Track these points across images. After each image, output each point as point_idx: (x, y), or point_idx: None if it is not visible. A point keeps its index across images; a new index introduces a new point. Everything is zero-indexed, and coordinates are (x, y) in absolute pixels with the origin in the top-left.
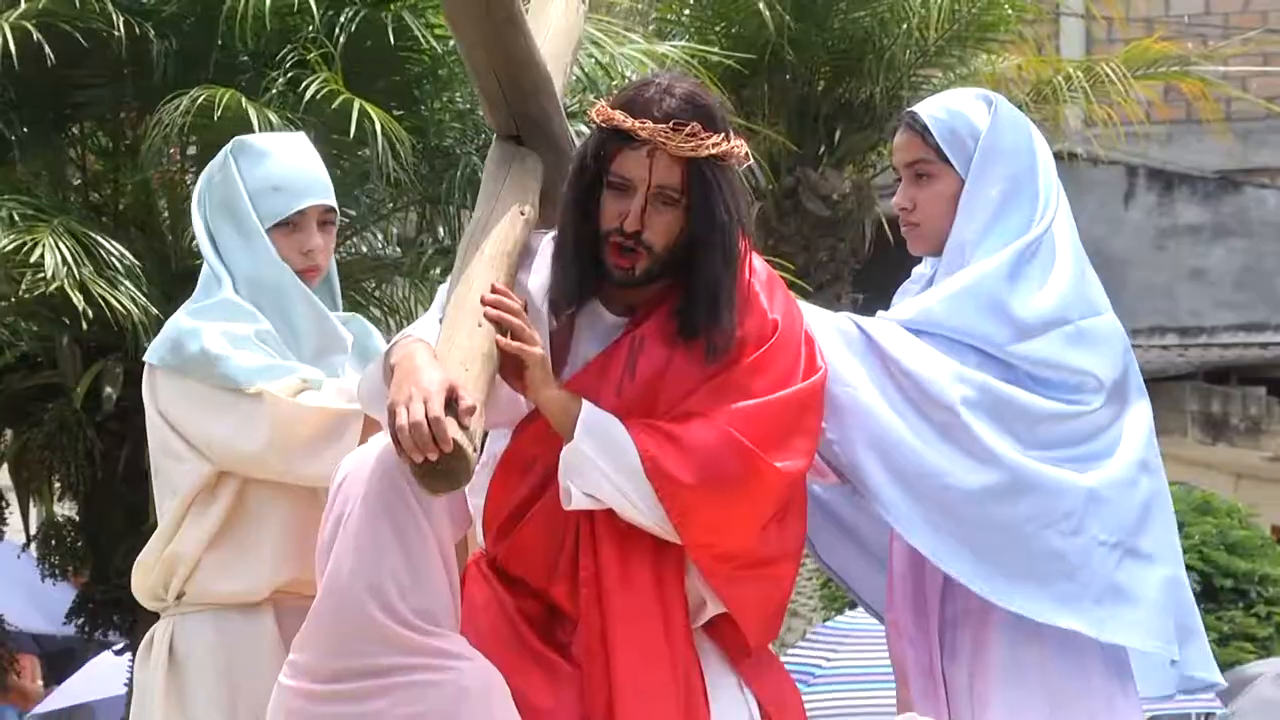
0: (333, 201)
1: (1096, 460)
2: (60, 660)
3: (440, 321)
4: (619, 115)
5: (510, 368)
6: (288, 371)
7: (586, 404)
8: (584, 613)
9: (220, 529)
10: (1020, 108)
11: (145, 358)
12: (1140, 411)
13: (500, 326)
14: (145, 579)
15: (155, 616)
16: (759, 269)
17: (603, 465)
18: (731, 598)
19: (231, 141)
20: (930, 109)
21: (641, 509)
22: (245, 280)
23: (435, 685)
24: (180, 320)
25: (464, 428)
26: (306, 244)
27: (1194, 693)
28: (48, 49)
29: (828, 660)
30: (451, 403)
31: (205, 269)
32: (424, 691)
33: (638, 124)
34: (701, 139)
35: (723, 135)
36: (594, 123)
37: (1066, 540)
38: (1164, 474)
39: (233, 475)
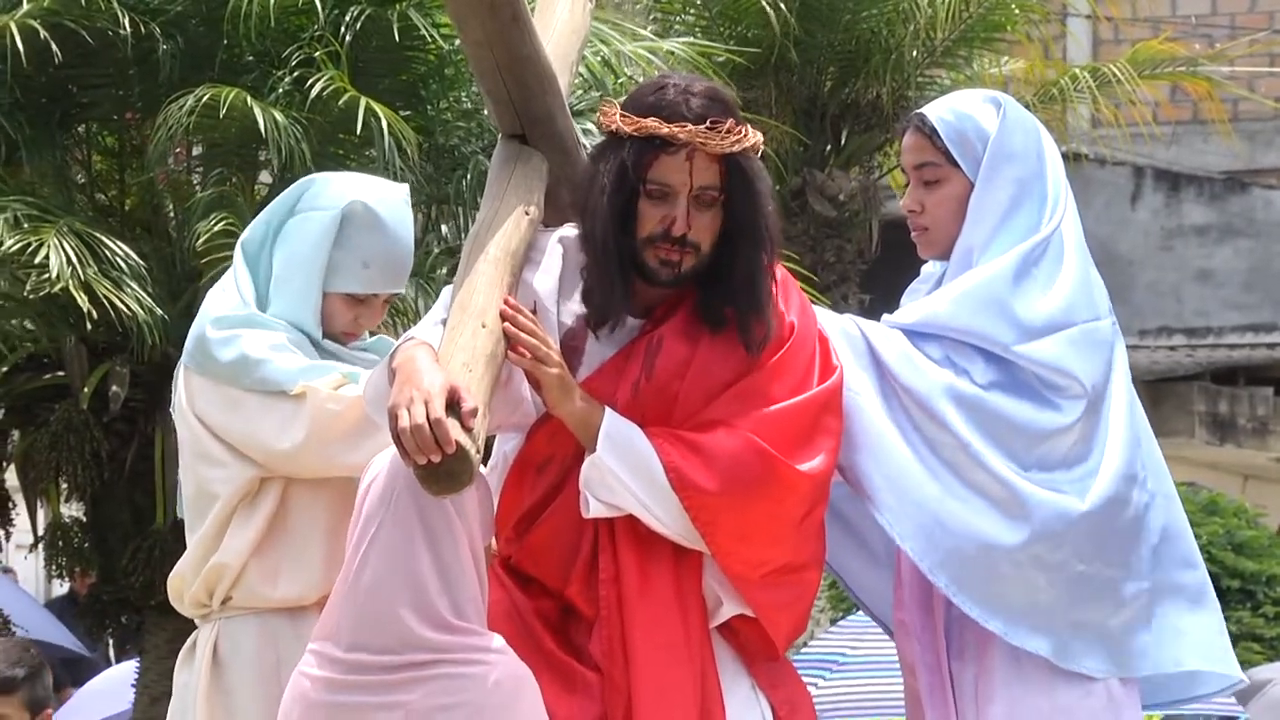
0: (403, 290)
1: (1090, 479)
2: (78, 667)
3: (444, 323)
4: (652, 123)
5: (531, 380)
6: (328, 370)
7: (608, 415)
8: (604, 615)
9: (265, 535)
10: (1027, 108)
11: (182, 361)
12: (1120, 417)
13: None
14: (186, 589)
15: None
16: (774, 270)
17: (625, 478)
18: (761, 603)
19: (350, 199)
20: (939, 111)
21: (664, 520)
22: (281, 315)
23: (465, 678)
24: (212, 329)
25: (467, 429)
26: (365, 319)
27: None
28: (54, 47)
29: (852, 649)
30: (454, 405)
31: (230, 278)
32: (453, 684)
33: (677, 129)
34: (738, 135)
35: (747, 126)
36: (618, 132)
37: (1051, 562)
38: (1159, 478)
39: (274, 481)
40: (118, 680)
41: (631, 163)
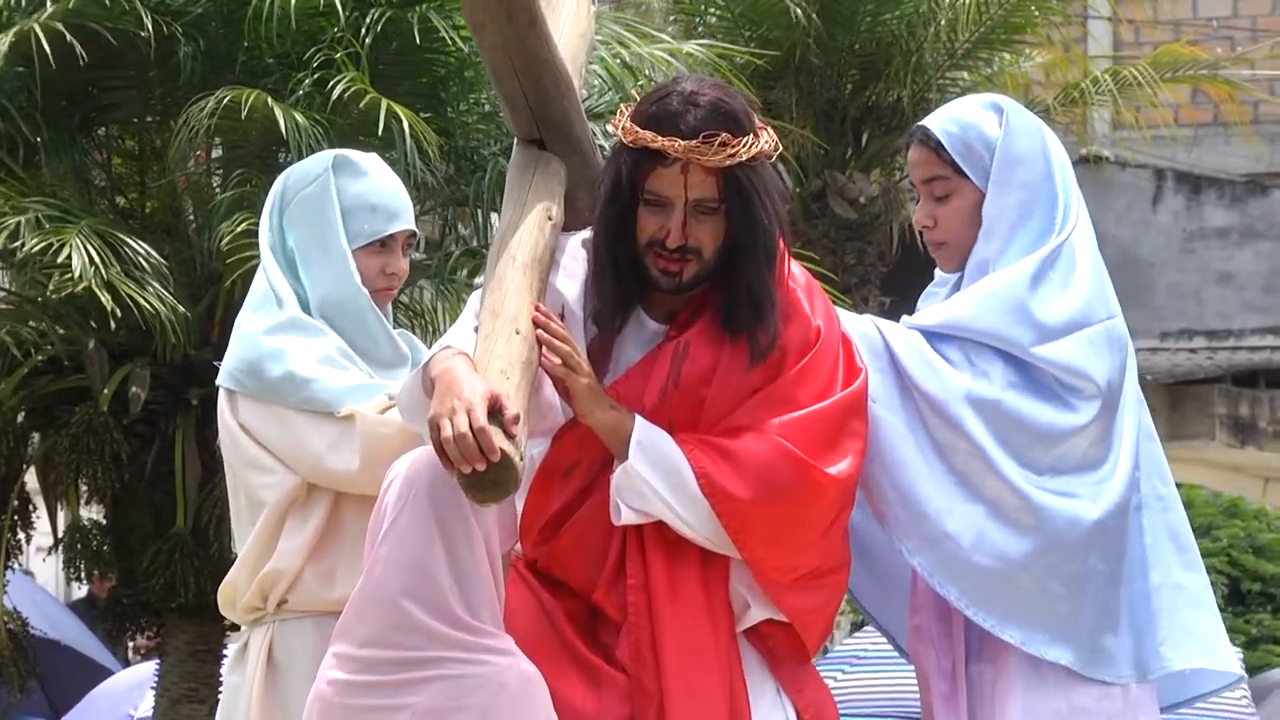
0: (416, 228)
1: (1104, 484)
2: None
3: (476, 330)
4: (647, 135)
5: (560, 387)
6: (375, 390)
7: (639, 423)
8: (633, 620)
9: (320, 538)
10: (1048, 111)
11: (219, 382)
12: (1131, 419)
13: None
14: (239, 597)
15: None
16: (798, 274)
17: (657, 485)
18: (794, 608)
19: (332, 155)
20: (941, 123)
21: (695, 526)
22: (319, 299)
23: (472, 679)
24: (258, 341)
25: (510, 437)
26: (391, 266)
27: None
28: (79, 48)
29: (873, 644)
30: (495, 413)
31: (260, 281)
32: (459, 684)
33: (667, 143)
34: (733, 149)
35: (751, 135)
36: (619, 139)
37: (1067, 570)
38: (1163, 480)
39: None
40: (128, 683)
41: (627, 173)
